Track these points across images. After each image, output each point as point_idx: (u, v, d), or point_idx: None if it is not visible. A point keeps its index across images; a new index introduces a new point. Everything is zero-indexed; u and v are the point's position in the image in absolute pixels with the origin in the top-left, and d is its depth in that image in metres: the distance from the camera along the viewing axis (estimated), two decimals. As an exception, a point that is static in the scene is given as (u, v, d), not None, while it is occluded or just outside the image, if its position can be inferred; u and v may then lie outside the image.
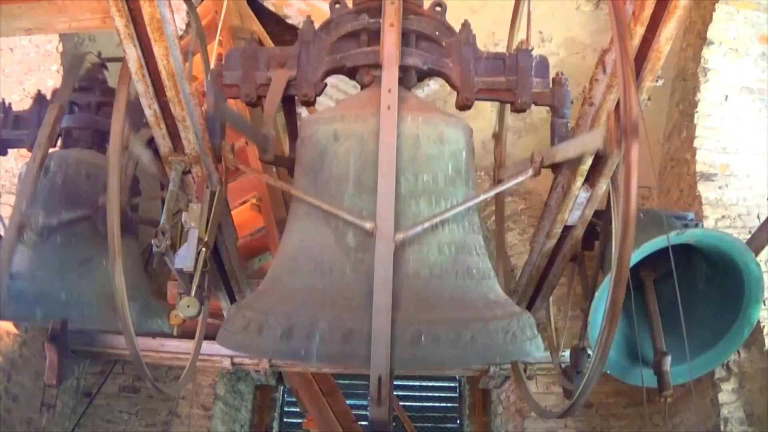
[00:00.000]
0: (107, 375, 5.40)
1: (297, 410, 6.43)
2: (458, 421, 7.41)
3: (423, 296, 1.80)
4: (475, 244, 2.03)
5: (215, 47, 3.12)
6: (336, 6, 2.17)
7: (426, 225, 1.83)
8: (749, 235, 3.63)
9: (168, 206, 2.01)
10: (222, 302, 2.82)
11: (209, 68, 2.31)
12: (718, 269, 3.08)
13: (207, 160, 2.10)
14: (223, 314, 2.88)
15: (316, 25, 2.16)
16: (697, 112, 4.23)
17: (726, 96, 4.22)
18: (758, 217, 4.09)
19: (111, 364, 5.36)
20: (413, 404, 7.36)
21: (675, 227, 3.13)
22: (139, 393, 5.46)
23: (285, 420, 7.35)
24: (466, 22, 2.15)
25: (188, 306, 1.93)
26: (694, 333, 3.10)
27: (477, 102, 2.15)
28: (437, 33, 2.14)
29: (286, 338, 1.72)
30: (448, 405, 7.55)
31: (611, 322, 1.57)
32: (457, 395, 7.52)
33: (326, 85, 2.16)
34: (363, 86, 2.15)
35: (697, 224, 3.38)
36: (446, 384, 7.57)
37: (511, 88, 2.12)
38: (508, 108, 2.38)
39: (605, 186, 2.08)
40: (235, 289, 2.78)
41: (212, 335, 2.72)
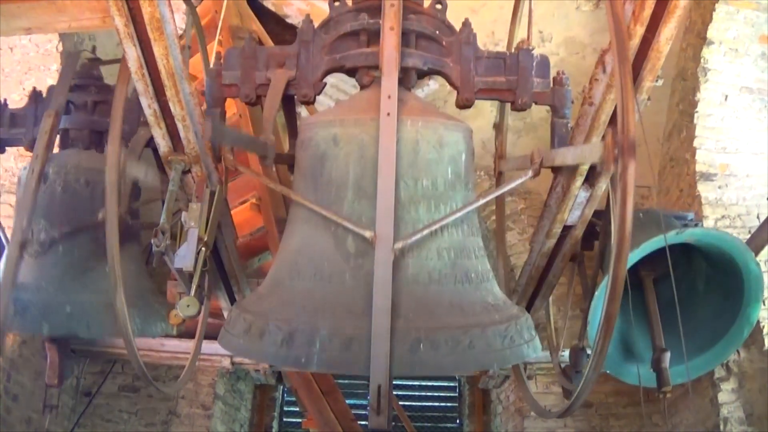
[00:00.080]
0: (107, 374, 5.40)
1: (297, 410, 6.43)
2: (458, 421, 7.41)
3: (422, 302, 1.81)
4: (474, 247, 2.03)
5: (215, 47, 3.12)
6: (335, 4, 2.16)
7: (425, 232, 1.83)
8: (749, 235, 3.63)
9: (168, 206, 2.01)
10: (222, 302, 2.82)
11: (209, 68, 2.31)
12: (718, 269, 3.08)
13: (207, 160, 2.10)
14: (223, 314, 2.88)
15: (316, 24, 2.16)
16: (697, 112, 4.23)
17: (726, 96, 4.23)
18: (758, 217, 4.10)
19: (111, 364, 5.36)
20: (413, 404, 7.36)
21: (674, 227, 3.13)
22: (139, 392, 5.47)
23: (285, 419, 7.35)
24: (467, 21, 2.13)
25: (188, 305, 1.93)
26: (694, 333, 3.10)
27: (477, 101, 2.15)
28: (437, 32, 2.12)
29: (287, 345, 1.73)
30: (448, 405, 7.55)
31: (606, 333, 1.57)
32: (457, 395, 7.52)
33: (326, 85, 2.15)
34: (362, 87, 2.14)
35: (697, 224, 3.37)
36: (446, 384, 7.57)
37: (512, 88, 2.11)
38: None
39: (605, 186, 2.08)
40: (235, 289, 2.78)
41: (212, 335, 2.73)
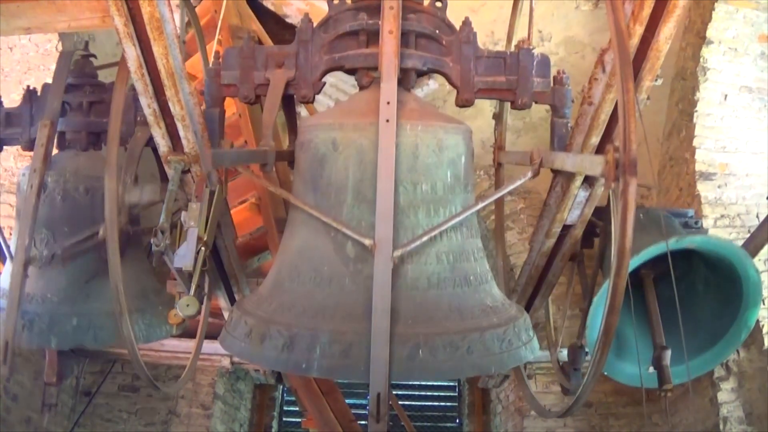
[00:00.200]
0: (106, 374, 5.40)
1: (296, 409, 6.43)
2: (457, 421, 7.42)
3: (421, 308, 1.81)
4: (474, 249, 2.03)
5: (214, 46, 3.11)
6: (334, 2, 2.15)
7: (424, 239, 1.84)
8: (748, 234, 3.63)
9: (167, 205, 2.01)
10: (221, 301, 2.82)
11: (208, 67, 2.30)
12: (717, 272, 3.08)
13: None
14: (223, 314, 2.88)
15: (315, 24, 2.15)
16: (697, 112, 4.23)
17: (725, 95, 4.22)
18: (757, 217, 4.10)
19: (110, 364, 5.36)
20: (413, 404, 7.36)
21: (674, 229, 3.12)
22: (139, 392, 5.47)
23: (284, 419, 7.35)
24: (467, 20, 2.13)
25: (188, 305, 1.93)
26: (692, 333, 3.09)
27: (477, 101, 2.15)
28: (437, 31, 2.12)
29: (288, 350, 1.75)
30: (448, 404, 7.55)
31: (605, 343, 1.58)
32: (457, 394, 7.53)
33: (325, 84, 2.15)
34: (361, 87, 2.14)
35: (697, 222, 3.37)
36: (446, 383, 7.57)
37: (512, 88, 2.10)
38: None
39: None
40: (235, 289, 2.78)
41: (212, 334, 2.73)
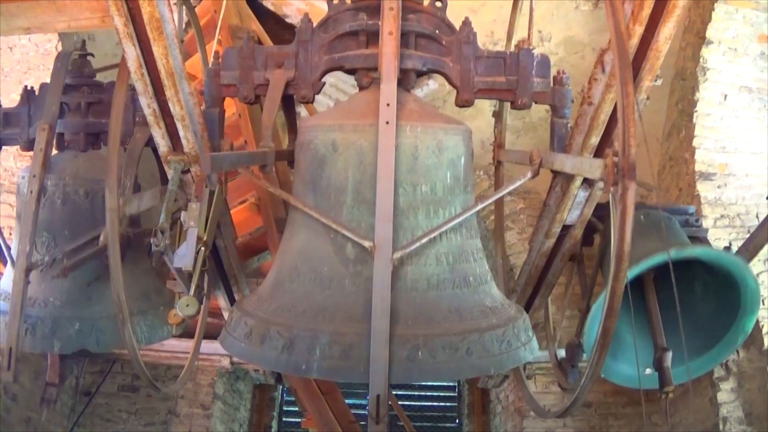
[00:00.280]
0: (106, 374, 5.40)
1: (296, 409, 6.43)
2: (457, 421, 7.41)
3: (420, 309, 1.82)
4: (473, 249, 2.03)
5: (214, 46, 3.11)
6: (334, 2, 2.15)
7: (424, 240, 1.84)
8: (748, 235, 3.62)
9: (167, 205, 2.01)
10: (221, 301, 2.82)
11: (207, 67, 2.30)
12: (716, 276, 3.09)
13: (206, 159, 2.10)
14: (222, 314, 2.88)
15: (314, 24, 2.15)
16: (696, 112, 4.23)
17: (725, 95, 4.22)
18: (757, 217, 4.10)
19: (110, 363, 5.35)
20: (412, 404, 7.36)
21: (675, 233, 3.13)
22: (138, 392, 5.46)
23: (284, 419, 7.35)
24: (467, 20, 2.12)
25: (187, 305, 1.93)
26: (689, 335, 3.10)
27: (477, 101, 2.14)
28: (437, 31, 2.11)
29: (288, 351, 1.76)
30: (447, 404, 7.55)
31: (603, 346, 1.58)
32: (456, 395, 7.52)
33: (324, 84, 2.15)
34: (361, 87, 2.14)
35: (698, 220, 3.40)
36: (445, 384, 7.57)
37: (512, 88, 2.10)
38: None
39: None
40: (234, 289, 2.78)
41: (211, 334, 2.73)
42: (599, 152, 2.03)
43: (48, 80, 2.85)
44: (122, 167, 2.51)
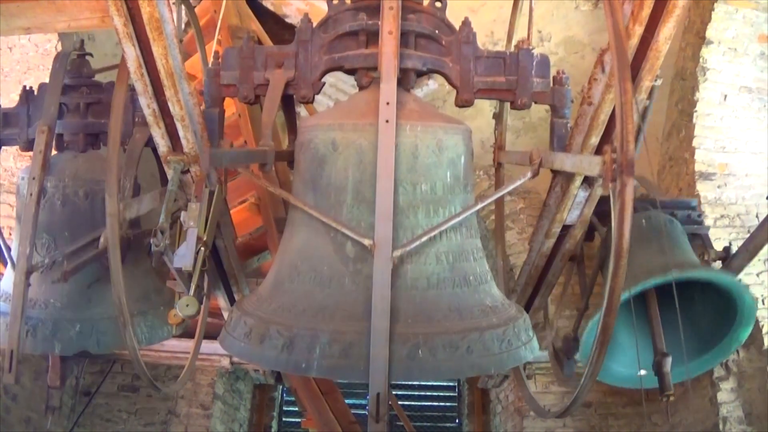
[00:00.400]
0: (106, 374, 5.40)
1: (296, 409, 6.43)
2: (457, 421, 7.42)
3: (420, 308, 1.82)
4: (473, 249, 2.03)
5: (213, 46, 3.11)
6: (333, 2, 2.15)
7: (423, 239, 1.84)
8: (748, 235, 3.63)
9: (167, 205, 2.01)
10: (221, 301, 2.82)
11: (207, 67, 2.30)
12: (714, 287, 3.12)
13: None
14: (222, 314, 2.88)
15: (314, 24, 2.15)
16: (696, 112, 4.23)
17: (725, 95, 4.23)
18: (757, 217, 4.10)
19: (110, 364, 5.36)
20: (412, 404, 7.36)
21: (676, 240, 3.16)
22: (138, 392, 5.46)
23: (284, 419, 7.35)
24: (467, 20, 2.12)
25: (187, 305, 1.93)
26: (686, 340, 3.12)
27: (477, 101, 2.14)
28: (437, 31, 2.11)
29: (287, 350, 1.76)
30: (447, 404, 7.56)
31: (602, 344, 1.58)
32: (456, 395, 7.53)
33: (324, 84, 2.15)
34: (361, 87, 2.14)
35: (700, 215, 3.43)
36: (445, 383, 7.57)
37: (512, 88, 2.10)
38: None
39: (604, 185, 2.08)
40: (234, 289, 2.78)
41: (211, 334, 2.73)
42: (599, 152, 2.03)
43: (47, 80, 2.85)
44: (122, 168, 2.51)
